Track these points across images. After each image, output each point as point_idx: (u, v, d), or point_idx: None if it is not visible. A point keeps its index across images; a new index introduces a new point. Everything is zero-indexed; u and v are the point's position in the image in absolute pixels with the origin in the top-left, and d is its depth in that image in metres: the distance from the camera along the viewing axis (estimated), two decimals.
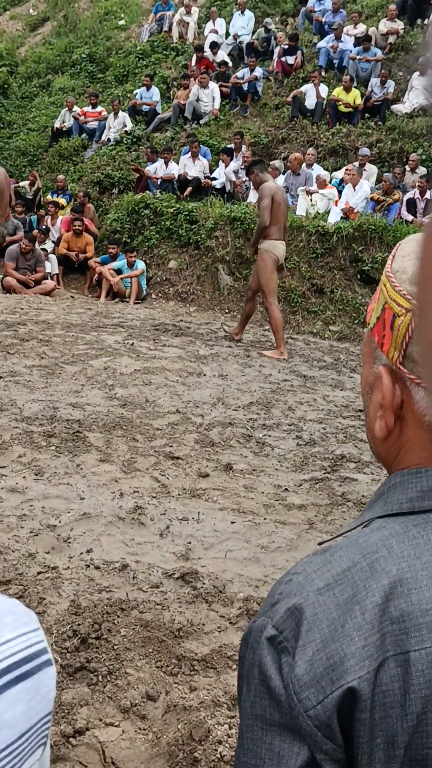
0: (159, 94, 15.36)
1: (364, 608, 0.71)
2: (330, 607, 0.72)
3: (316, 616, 0.71)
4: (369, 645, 0.69)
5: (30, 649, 0.64)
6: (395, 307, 0.81)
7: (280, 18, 17.42)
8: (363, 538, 0.77)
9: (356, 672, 0.68)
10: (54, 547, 3.43)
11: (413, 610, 0.70)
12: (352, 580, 0.73)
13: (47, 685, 0.65)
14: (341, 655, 0.69)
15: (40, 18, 21.58)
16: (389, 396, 0.81)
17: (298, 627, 0.71)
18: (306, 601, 0.73)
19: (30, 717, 0.62)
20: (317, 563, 0.77)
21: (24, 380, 6.09)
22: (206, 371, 7.13)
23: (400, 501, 0.79)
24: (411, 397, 0.81)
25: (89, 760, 2.21)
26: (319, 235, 10.89)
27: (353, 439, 5.46)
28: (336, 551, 0.77)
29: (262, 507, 4.14)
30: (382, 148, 12.82)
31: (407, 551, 0.74)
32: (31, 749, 0.63)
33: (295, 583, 0.75)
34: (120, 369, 6.81)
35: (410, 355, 0.79)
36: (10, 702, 0.61)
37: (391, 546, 0.74)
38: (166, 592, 3.12)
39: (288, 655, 0.71)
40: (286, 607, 0.73)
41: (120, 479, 4.30)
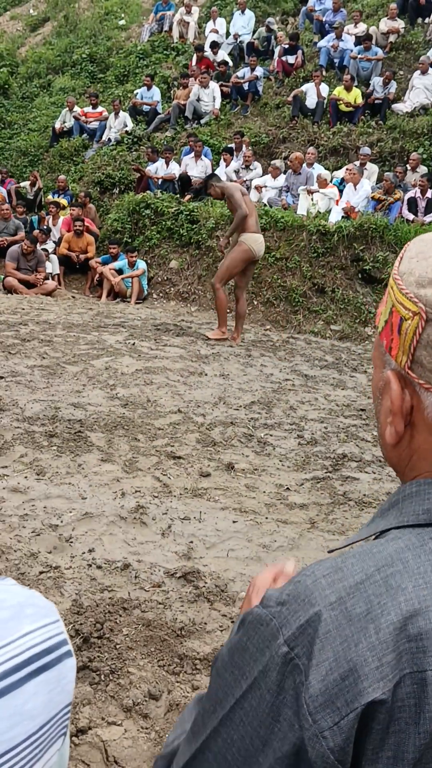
0: (160, 94, 15.37)
1: (378, 627, 0.69)
2: (343, 623, 0.70)
3: (329, 634, 0.70)
4: (384, 665, 0.68)
5: (50, 641, 0.65)
6: (402, 310, 0.80)
7: (281, 17, 17.43)
8: (377, 548, 0.75)
9: (370, 694, 0.67)
10: (56, 547, 3.43)
11: (431, 629, 0.69)
12: (365, 595, 0.71)
13: (67, 677, 0.66)
14: (356, 676, 0.68)
15: (41, 18, 21.60)
16: (398, 402, 0.80)
17: (311, 645, 0.70)
18: (320, 617, 0.71)
19: (51, 708, 0.63)
20: (326, 567, 0.75)
21: (25, 380, 6.09)
22: (207, 371, 7.13)
23: (416, 512, 0.77)
24: (421, 402, 0.79)
25: (92, 759, 2.21)
26: (320, 234, 10.89)
27: (355, 439, 5.46)
28: (348, 558, 0.75)
29: (264, 506, 4.14)
30: (382, 147, 12.82)
31: (423, 567, 0.72)
32: (52, 740, 0.64)
33: (303, 586, 0.74)
34: (121, 369, 6.81)
35: (419, 360, 0.78)
36: (31, 693, 0.62)
37: (407, 560, 0.73)
38: (168, 591, 3.12)
39: (301, 674, 0.69)
40: (298, 622, 0.71)
41: (122, 479, 4.30)
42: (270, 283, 10.98)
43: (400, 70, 14.38)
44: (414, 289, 0.79)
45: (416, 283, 0.79)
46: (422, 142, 12.59)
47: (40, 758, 0.62)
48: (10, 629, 0.63)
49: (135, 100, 15.48)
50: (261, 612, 0.74)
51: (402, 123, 12.96)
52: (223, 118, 14.67)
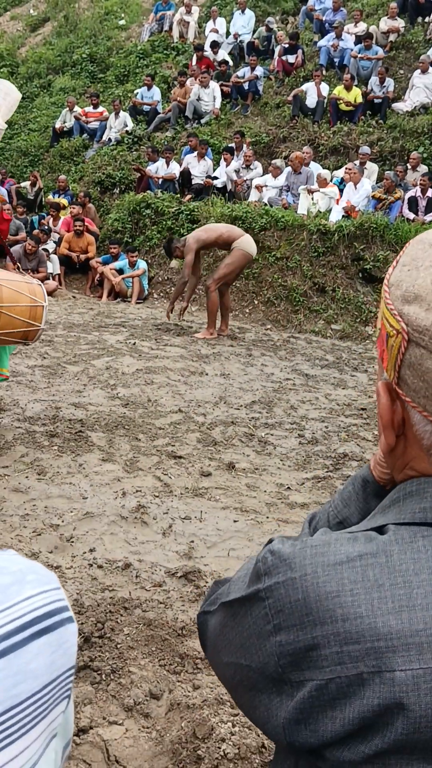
0: (160, 94, 15.37)
1: (345, 615, 0.70)
2: (311, 597, 0.72)
3: (298, 603, 0.73)
4: (343, 653, 0.69)
5: (51, 605, 0.68)
6: (387, 326, 0.76)
7: (281, 17, 17.42)
8: (367, 537, 0.75)
9: (326, 674, 0.69)
10: (57, 547, 3.44)
11: (403, 629, 0.68)
12: (339, 576, 0.72)
13: (69, 641, 0.68)
14: (317, 653, 0.70)
15: (41, 18, 21.60)
16: (387, 415, 0.79)
17: (281, 606, 0.74)
18: (292, 584, 0.74)
19: (53, 669, 0.66)
20: (318, 540, 0.76)
21: (26, 380, 6.10)
22: (208, 370, 7.13)
23: (413, 510, 0.76)
24: (410, 418, 0.77)
25: (93, 759, 2.21)
26: (320, 233, 10.89)
27: (355, 438, 5.46)
28: (339, 537, 0.76)
29: (265, 506, 4.14)
30: (383, 146, 12.81)
31: (407, 565, 0.71)
32: (56, 701, 0.67)
33: (293, 549, 0.77)
34: (122, 369, 6.82)
35: (404, 378, 0.75)
36: (33, 654, 0.64)
37: (391, 553, 0.72)
38: (168, 590, 3.12)
39: (269, 624, 0.75)
40: (275, 579, 0.76)
41: (122, 478, 4.31)
42: (270, 282, 10.98)
43: (400, 69, 14.37)
44: (398, 304, 0.74)
45: (402, 298, 0.74)
46: (422, 141, 12.58)
47: (45, 717, 0.65)
48: (12, 593, 0.66)
49: (135, 99, 15.48)
50: (262, 552, 0.80)
51: (402, 122, 12.95)
52: (223, 117, 14.67)
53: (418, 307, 0.72)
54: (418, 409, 0.75)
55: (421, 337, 0.71)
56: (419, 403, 0.74)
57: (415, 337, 0.72)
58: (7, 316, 4.37)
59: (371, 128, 13.23)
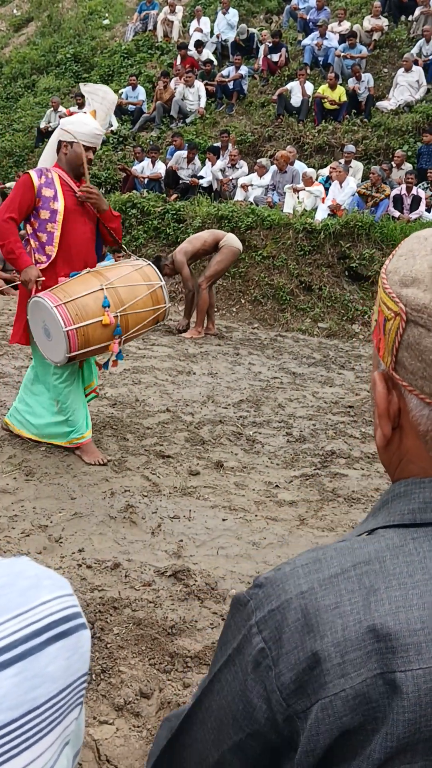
0: (145, 94, 15.35)
1: (345, 623, 0.70)
2: (311, 613, 0.71)
3: (297, 623, 0.71)
4: (346, 663, 0.68)
5: (67, 611, 0.68)
6: (385, 310, 0.78)
7: (265, 16, 17.43)
8: (359, 545, 0.75)
9: (331, 689, 0.68)
10: (46, 547, 3.43)
11: (401, 629, 0.69)
12: (337, 588, 0.72)
13: (84, 646, 0.69)
14: (320, 669, 0.69)
15: (24, 18, 21.51)
16: (383, 403, 0.79)
17: (280, 632, 0.71)
18: (289, 605, 0.72)
19: (70, 674, 0.66)
20: (307, 558, 0.76)
21: (13, 381, 6.08)
22: (196, 370, 7.13)
23: (402, 512, 0.77)
24: (406, 405, 0.78)
25: (84, 758, 2.21)
26: (306, 232, 10.91)
27: (343, 435, 5.48)
28: (328, 551, 0.76)
29: (253, 504, 4.15)
30: (367, 144, 12.85)
31: (400, 568, 0.72)
32: (71, 705, 0.67)
33: (281, 573, 0.75)
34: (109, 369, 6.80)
35: (401, 361, 0.76)
36: (51, 657, 0.65)
37: (384, 560, 0.73)
38: (158, 590, 3.12)
39: (269, 659, 0.71)
40: (269, 607, 0.73)
41: (111, 478, 4.30)
42: (257, 281, 10.99)
43: (384, 67, 14.41)
44: (397, 288, 0.77)
45: (399, 282, 0.77)
46: (407, 139, 12.63)
47: (61, 722, 0.65)
48: (30, 597, 0.66)
49: (120, 99, 15.45)
50: (243, 593, 0.77)
51: (387, 120, 13.00)
52: (208, 116, 14.67)
53: (416, 289, 0.75)
54: (415, 392, 0.76)
55: (420, 316, 0.74)
56: (416, 385, 0.75)
57: (414, 316, 0.74)
58: (134, 315, 4.32)
59: (356, 127, 13.27)
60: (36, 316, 4.19)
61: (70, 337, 4.05)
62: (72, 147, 4.36)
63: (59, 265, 4.34)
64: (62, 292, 4.14)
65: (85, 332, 4.11)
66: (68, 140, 4.35)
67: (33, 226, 4.35)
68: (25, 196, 4.26)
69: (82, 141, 4.34)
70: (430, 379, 0.74)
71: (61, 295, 4.11)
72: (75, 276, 4.29)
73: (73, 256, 4.37)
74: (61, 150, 4.40)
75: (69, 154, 4.38)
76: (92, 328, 4.14)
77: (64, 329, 4.01)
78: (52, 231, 4.31)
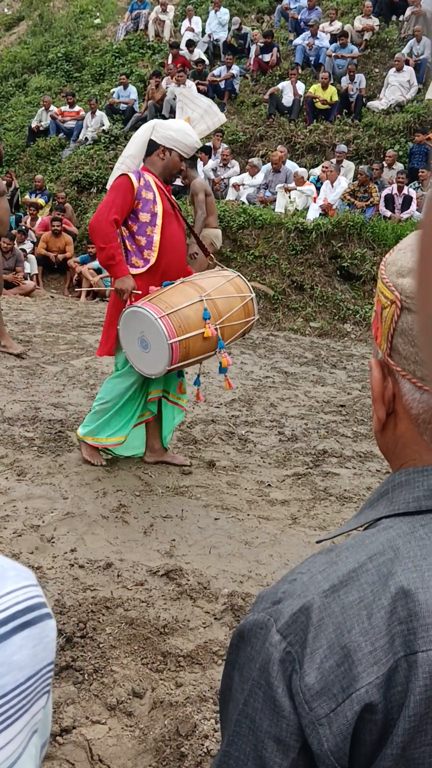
0: (136, 93, 15.33)
1: (371, 612, 0.70)
2: (336, 611, 0.71)
3: (322, 621, 0.71)
4: (377, 650, 0.69)
5: (32, 600, 0.69)
6: (383, 298, 0.82)
7: (256, 15, 17.44)
8: (369, 539, 0.76)
9: (365, 679, 0.68)
10: (38, 548, 3.42)
11: (420, 610, 0.70)
12: (357, 583, 0.72)
13: (49, 635, 0.69)
14: (350, 661, 0.69)
15: (15, 17, 21.45)
16: (377, 388, 0.83)
17: (305, 633, 0.71)
18: (312, 605, 0.72)
19: (35, 662, 0.67)
20: (322, 563, 0.76)
21: (5, 381, 6.06)
22: (187, 369, 7.13)
23: (406, 500, 0.78)
24: (400, 390, 0.81)
25: (76, 758, 2.21)
26: (298, 231, 10.93)
27: (335, 435, 5.49)
28: (342, 551, 0.76)
29: (245, 503, 4.16)
30: (359, 144, 12.88)
31: (414, 552, 0.73)
32: (38, 694, 0.68)
33: (300, 583, 0.75)
34: (101, 368, 6.80)
35: (396, 347, 0.80)
36: (17, 646, 0.65)
37: (397, 547, 0.74)
38: (150, 589, 3.12)
39: (295, 663, 0.70)
40: (291, 611, 0.73)
41: (103, 478, 4.30)
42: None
43: (375, 67, 14.44)
44: (394, 278, 0.81)
45: (397, 273, 0.81)
46: (398, 139, 12.66)
47: (28, 710, 0.66)
48: None
49: (111, 99, 15.43)
50: (257, 616, 0.75)
51: (378, 120, 13.02)
52: None
53: (411, 279, 0.79)
54: (408, 377, 0.79)
55: (414, 303, 0.78)
56: (409, 370, 0.79)
57: (408, 303, 0.78)
58: (229, 327, 4.19)
59: (347, 126, 13.29)
60: (131, 326, 4.00)
61: (174, 350, 3.89)
62: (170, 155, 4.22)
63: (156, 270, 4.18)
64: (162, 302, 3.97)
65: (186, 345, 3.96)
66: (168, 146, 4.21)
67: (131, 229, 4.14)
68: (125, 198, 4.07)
69: (181, 151, 4.22)
70: (422, 363, 0.78)
71: (163, 305, 3.94)
72: (169, 285, 4.13)
73: (171, 262, 4.23)
74: (157, 154, 4.24)
75: (165, 161, 4.23)
76: (193, 341, 3.99)
77: (168, 341, 3.84)
78: (152, 235, 4.16)
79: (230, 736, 0.73)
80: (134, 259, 4.16)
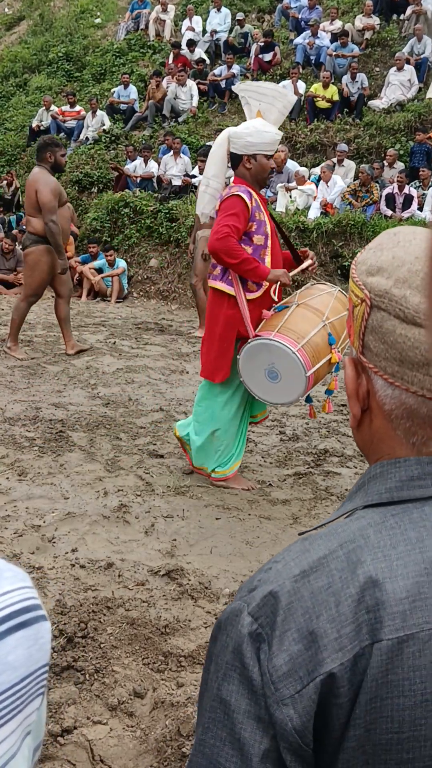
0: (137, 93, 15.32)
1: (338, 600, 0.72)
2: (305, 595, 0.73)
3: (291, 605, 0.72)
4: (342, 637, 0.70)
5: (27, 602, 0.69)
6: (353, 297, 0.84)
7: (257, 15, 17.42)
8: (341, 528, 0.78)
9: (329, 664, 0.70)
10: (39, 548, 3.42)
11: (388, 599, 0.71)
12: (327, 569, 0.74)
13: (44, 637, 0.70)
14: (316, 646, 0.70)
15: (16, 17, 21.43)
16: (352, 385, 0.85)
17: (274, 615, 0.73)
18: (281, 589, 0.74)
19: (30, 663, 0.67)
20: (296, 551, 0.78)
21: (6, 381, 6.06)
22: (189, 369, 7.13)
23: (379, 491, 0.80)
24: (373, 387, 0.83)
25: (77, 759, 2.21)
26: (299, 231, 10.92)
27: (336, 434, 5.49)
28: (315, 540, 0.78)
29: (247, 503, 4.15)
30: (360, 143, 12.87)
31: (383, 541, 0.75)
32: (32, 695, 0.68)
33: (274, 570, 0.77)
34: (102, 368, 6.80)
35: (367, 345, 0.82)
36: (12, 646, 0.66)
37: (368, 536, 0.75)
38: (151, 589, 3.12)
39: (264, 643, 0.72)
40: (262, 594, 0.74)
41: (104, 478, 4.30)
42: None
43: (376, 66, 14.42)
44: (363, 277, 0.83)
45: (366, 272, 0.83)
46: (399, 138, 12.64)
47: (22, 710, 0.66)
48: None
49: (112, 98, 15.42)
50: (233, 605, 0.77)
51: (378, 119, 13.01)
52: (200, 116, 14.65)
53: (380, 277, 0.81)
54: (380, 374, 0.81)
55: (382, 300, 0.80)
56: (380, 366, 0.81)
57: (377, 301, 0.80)
58: (342, 347, 4.05)
59: (348, 126, 13.27)
60: (259, 358, 3.86)
61: (310, 380, 3.80)
62: (255, 159, 4.03)
63: (268, 293, 4.04)
64: (291, 332, 3.82)
65: (317, 372, 3.88)
66: (250, 153, 4.02)
67: None
68: (242, 219, 3.89)
69: (264, 151, 4.03)
70: (392, 360, 0.80)
71: (293, 335, 3.79)
72: (282, 309, 3.99)
73: (280, 284, 4.08)
74: (243, 165, 4.05)
75: (254, 168, 4.05)
76: (322, 368, 3.91)
77: (306, 374, 3.76)
78: (264, 257, 4.00)
79: (205, 724, 0.75)
80: (249, 284, 4.00)
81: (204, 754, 0.74)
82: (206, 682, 0.77)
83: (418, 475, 0.79)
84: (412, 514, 0.77)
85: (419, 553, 0.74)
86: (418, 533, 0.75)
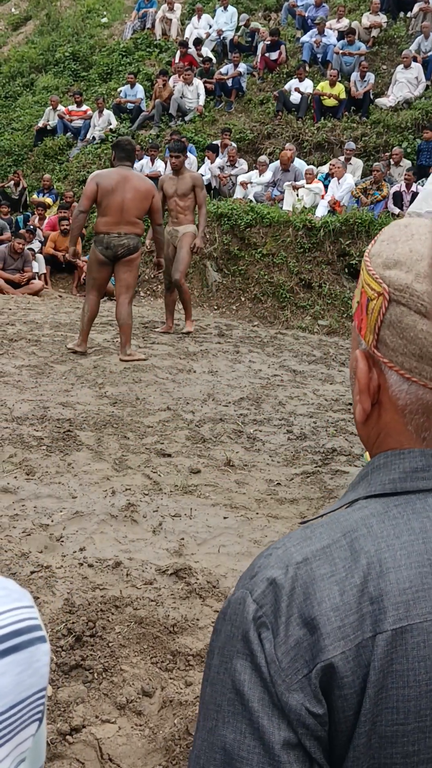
0: (143, 92, 15.34)
1: (342, 588, 0.72)
2: (307, 582, 0.73)
3: (294, 591, 0.73)
4: (345, 626, 0.70)
5: (21, 624, 0.65)
6: (369, 290, 0.83)
7: (263, 13, 17.41)
8: (344, 517, 0.78)
9: (330, 652, 0.70)
10: (47, 546, 3.43)
11: (391, 589, 0.72)
12: (330, 558, 0.74)
13: (40, 660, 0.66)
14: (319, 633, 0.70)
15: (23, 17, 21.47)
16: (363, 380, 0.83)
17: (277, 601, 0.73)
18: (285, 576, 0.74)
19: (21, 690, 0.63)
20: (297, 538, 0.78)
21: (13, 380, 6.07)
22: (196, 368, 7.13)
23: (383, 482, 0.80)
24: (386, 381, 0.82)
25: (86, 757, 2.21)
26: (306, 229, 10.91)
27: (344, 433, 5.47)
28: (317, 528, 0.78)
29: (254, 502, 4.15)
30: (367, 141, 12.85)
31: (386, 531, 0.75)
32: (25, 722, 0.64)
33: (274, 556, 0.77)
34: (109, 367, 6.80)
35: (383, 339, 0.81)
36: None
37: (371, 525, 0.76)
38: (159, 588, 3.12)
39: (268, 630, 0.72)
40: (265, 581, 0.74)
41: (112, 477, 4.30)
42: (257, 279, 10.98)
43: (383, 64, 14.40)
44: (380, 270, 0.81)
45: (383, 265, 0.81)
46: (406, 136, 12.62)
47: (11, 738, 0.63)
48: None
49: (119, 98, 15.44)
50: (236, 594, 0.77)
51: (386, 117, 12.99)
52: (207, 114, 14.65)
53: (398, 271, 0.80)
54: (395, 368, 0.80)
55: (402, 295, 0.79)
56: (396, 361, 0.80)
57: (396, 295, 0.79)
58: None
59: (355, 124, 13.26)
60: None
61: None
62: None
63: None
64: None
65: None
66: None
67: None
68: None
69: None
70: (410, 355, 0.79)
71: None
72: None
73: None
74: None
75: None
76: None
77: None
78: None
79: (222, 719, 0.72)
80: None
81: (219, 748, 0.72)
82: (209, 678, 0.76)
83: (422, 466, 0.79)
84: (416, 504, 0.77)
85: (422, 544, 0.74)
86: (421, 524, 0.76)
